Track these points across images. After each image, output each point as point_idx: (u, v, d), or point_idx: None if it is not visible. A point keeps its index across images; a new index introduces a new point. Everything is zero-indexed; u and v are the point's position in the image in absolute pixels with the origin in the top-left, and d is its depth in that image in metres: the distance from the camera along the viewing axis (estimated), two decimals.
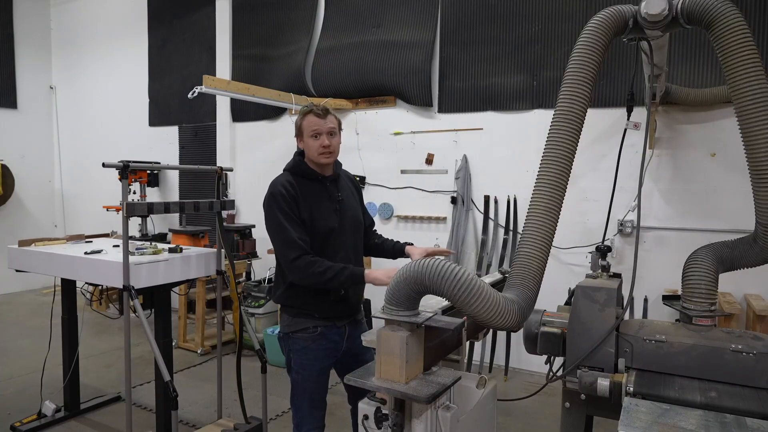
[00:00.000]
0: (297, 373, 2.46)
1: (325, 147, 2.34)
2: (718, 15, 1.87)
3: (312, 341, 2.42)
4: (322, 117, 2.34)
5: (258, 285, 5.30)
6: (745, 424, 1.49)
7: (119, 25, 7.50)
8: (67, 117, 8.18)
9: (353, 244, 2.49)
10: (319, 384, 2.48)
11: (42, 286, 7.51)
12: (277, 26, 6.07)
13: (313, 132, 2.34)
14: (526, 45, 4.74)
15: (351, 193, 2.58)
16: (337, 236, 2.41)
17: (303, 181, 2.39)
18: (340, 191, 2.48)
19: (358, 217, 2.55)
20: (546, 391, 2.49)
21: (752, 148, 1.85)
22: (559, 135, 1.99)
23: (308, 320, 2.41)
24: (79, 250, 3.30)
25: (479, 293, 1.63)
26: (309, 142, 2.36)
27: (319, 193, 2.40)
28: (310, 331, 2.41)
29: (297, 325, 2.43)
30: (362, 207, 2.67)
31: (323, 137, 2.34)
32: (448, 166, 5.13)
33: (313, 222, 2.34)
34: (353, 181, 2.67)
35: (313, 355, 2.42)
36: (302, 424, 2.47)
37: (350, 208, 2.50)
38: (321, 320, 2.41)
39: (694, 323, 1.93)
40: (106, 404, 4.02)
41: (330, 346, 2.45)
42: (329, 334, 2.43)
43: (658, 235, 4.31)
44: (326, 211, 2.39)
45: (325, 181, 2.44)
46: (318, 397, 2.48)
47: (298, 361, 2.45)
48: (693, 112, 4.16)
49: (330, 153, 2.37)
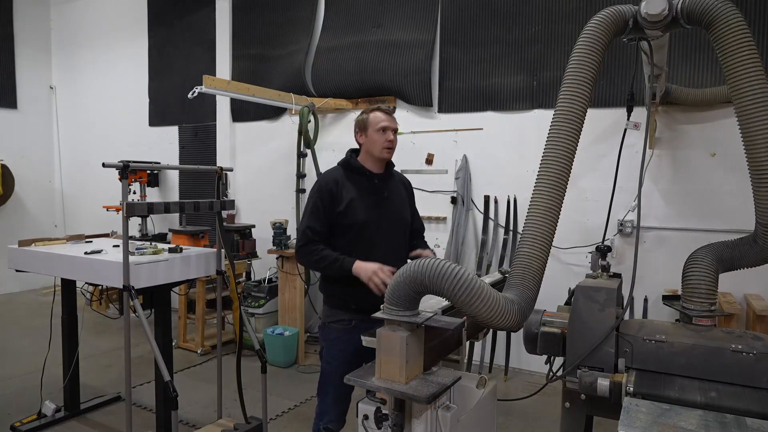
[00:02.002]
0: (327, 363, 2.52)
1: (389, 142, 2.47)
2: (718, 15, 1.87)
3: (345, 333, 2.46)
4: (390, 114, 2.51)
5: (258, 285, 5.30)
6: (745, 424, 1.49)
7: (119, 25, 7.50)
8: (67, 117, 8.17)
9: (393, 242, 2.55)
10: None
11: (42, 286, 7.50)
12: (277, 26, 6.07)
13: (382, 126, 2.46)
14: (526, 45, 4.74)
15: (400, 194, 2.65)
16: (374, 232, 2.47)
17: (352, 176, 2.51)
18: (387, 190, 2.56)
19: (402, 217, 2.61)
20: (546, 391, 2.49)
21: (752, 148, 1.85)
22: (559, 135, 1.99)
23: (344, 312, 2.48)
24: (79, 250, 3.30)
25: (479, 293, 1.64)
26: (375, 136, 2.47)
27: (364, 189, 2.50)
28: (345, 323, 2.48)
29: (333, 315, 2.52)
30: (413, 210, 2.74)
31: (389, 133, 2.47)
32: (448, 166, 5.13)
33: (349, 214, 2.43)
34: (406, 184, 2.76)
35: (344, 346, 2.46)
36: (324, 413, 2.51)
37: (395, 207, 2.58)
38: (356, 313, 2.44)
39: (694, 323, 1.93)
40: (106, 404, 4.01)
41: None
42: (363, 328, 2.43)
43: (658, 235, 4.31)
44: (367, 206, 2.47)
45: (374, 178, 2.53)
46: (343, 390, 2.50)
47: (329, 351, 2.52)
48: (693, 112, 4.15)
49: (392, 149, 2.50)
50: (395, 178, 2.68)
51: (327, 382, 2.52)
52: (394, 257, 2.51)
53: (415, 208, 2.78)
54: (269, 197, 6.04)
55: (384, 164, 2.58)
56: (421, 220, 2.83)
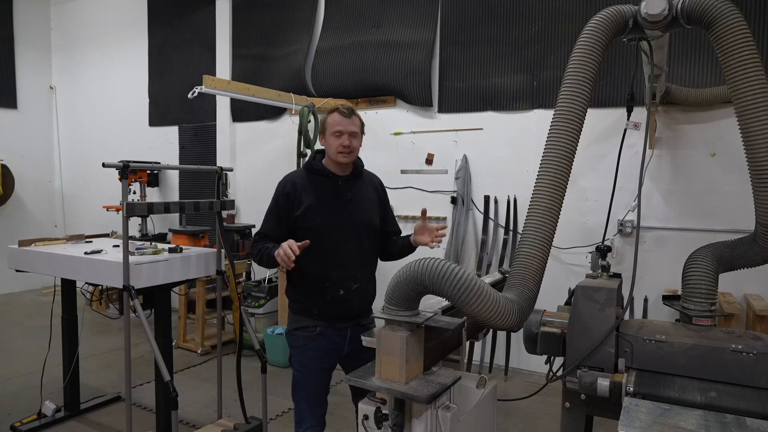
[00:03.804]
0: (296, 371, 2.50)
1: (345, 147, 2.37)
2: (718, 15, 1.87)
3: (311, 340, 2.44)
4: (347, 117, 2.39)
5: (258, 285, 5.30)
6: (745, 424, 1.49)
7: (119, 25, 7.50)
8: (67, 117, 8.17)
9: (357, 246, 2.46)
10: (318, 383, 2.49)
11: (42, 286, 7.50)
12: (277, 26, 6.07)
13: (336, 131, 2.37)
14: (526, 45, 4.74)
15: (368, 196, 2.55)
16: (336, 235, 2.41)
17: (314, 178, 2.45)
18: (352, 191, 2.48)
19: (367, 220, 2.50)
20: (546, 391, 2.49)
21: (752, 148, 1.85)
22: (559, 135, 1.99)
23: (308, 318, 2.44)
24: (79, 250, 3.30)
25: (479, 293, 1.63)
26: (330, 140, 2.40)
27: (325, 191, 2.43)
28: (309, 330, 2.44)
29: (297, 322, 2.47)
30: (385, 212, 2.62)
31: (344, 137, 2.37)
32: (448, 166, 5.13)
33: (308, 217, 2.38)
34: (377, 186, 2.64)
35: (312, 354, 2.44)
36: (302, 420, 2.50)
37: (360, 210, 2.48)
38: (320, 320, 2.43)
39: (694, 323, 1.93)
40: (106, 404, 4.01)
41: (330, 346, 2.45)
42: (329, 335, 2.44)
43: (658, 235, 4.31)
44: (327, 209, 2.41)
45: (338, 179, 2.45)
46: (317, 395, 2.49)
47: (297, 359, 2.49)
48: (693, 112, 4.16)
49: (348, 153, 2.40)
50: (364, 179, 2.56)
51: (299, 389, 2.49)
52: (359, 263, 2.46)
53: (388, 210, 2.66)
54: (269, 197, 5.99)
55: (350, 166, 2.48)
56: (396, 223, 2.71)
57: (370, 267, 2.56)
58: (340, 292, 2.40)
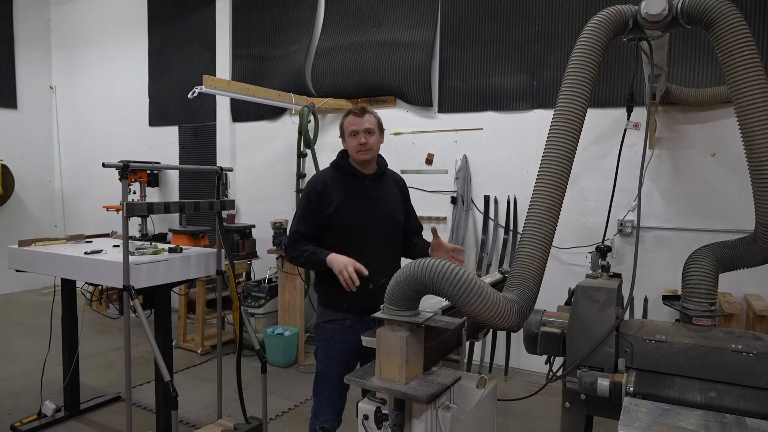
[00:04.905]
0: (321, 363, 2.54)
1: (362, 144, 2.46)
2: (718, 15, 1.87)
3: (339, 333, 2.49)
4: (360, 116, 2.49)
5: (258, 285, 5.30)
6: (745, 424, 1.49)
7: (119, 25, 7.50)
8: (67, 117, 8.17)
9: (385, 243, 2.54)
10: (342, 375, 2.49)
11: (42, 286, 7.50)
12: (277, 26, 6.07)
13: (351, 131, 2.47)
14: (526, 45, 4.74)
15: (393, 194, 2.64)
16: (365, 234, 2.47)
17: (342, 177, 2.52)
18: (379, 190, 2.55)
19: (393, 218, 2.60)
20: (546, 391, 2.49)
21: (752, 148, 1.85)
22: (559, 135, 1.99)
23: (337, 312, 2.50)
24: (79, 250, 3.30)
25: (479, 293, 1.63)
26: (349, 141, 2.50)
27: (354, 190, 2.50)
28: (338, 323, 2.50)
29: (327, 315, 2.54)
30: (407, 210, 2.72)
31: (360, 135, 2.46)
32: (448, 166, 5.13)
33: (339, 216, 2.44)
34: (400, 184, 2.74)
35: (338, 346, 2.49)
36: (319, 413, 2.53)
37: (386, 208, 2.56)
38: (349, 313, 2.47)
39: (694, 323, 1.93)
40: (106, 404, 4.01)
41: (357, 339, 2.45)
42: (358, 329, 2.43)
43: (658, 235, 4.31)
44: (356, 208, 2.48)
45: (364, 178, 2.53)
46: (338, 389, 2.52)
47: (323, 350, 2.54)
48: (693, 112, 4.15)
49: (367, 150, 2.48)
50: (388, 177, 2.67)
51: (322, 381, 2.54)
52: (386, 259, 2.52)
53: (410, 207, 2.76)
54: (269, 197, 6.04)
55: (373, 164, 2.57)
56: (418, 219, 2.81)
57: (396, 262, 2.61)
58: (369, 287, 2.41)
